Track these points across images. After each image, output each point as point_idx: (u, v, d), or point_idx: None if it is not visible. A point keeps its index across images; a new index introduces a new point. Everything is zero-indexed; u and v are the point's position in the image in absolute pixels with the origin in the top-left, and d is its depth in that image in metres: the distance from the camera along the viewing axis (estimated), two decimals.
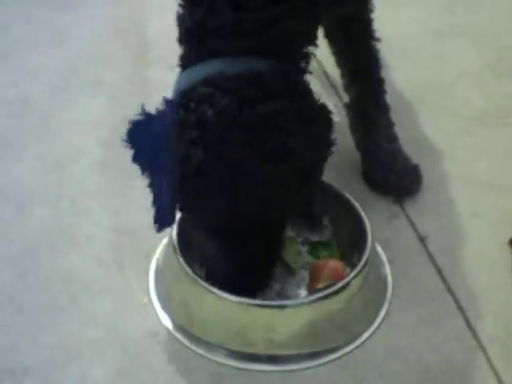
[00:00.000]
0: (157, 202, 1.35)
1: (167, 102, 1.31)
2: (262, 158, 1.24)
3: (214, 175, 1.25)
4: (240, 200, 1.25)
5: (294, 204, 1.35)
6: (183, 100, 1.30)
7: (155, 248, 1.61)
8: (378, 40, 1.74)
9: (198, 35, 1.36)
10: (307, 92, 1.35)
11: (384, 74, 1.78)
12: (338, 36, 1.74)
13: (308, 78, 1.42)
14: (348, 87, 1.78)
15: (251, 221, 1.29)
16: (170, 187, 1.29)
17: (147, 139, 1.31)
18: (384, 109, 1.76)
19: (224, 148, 1.24)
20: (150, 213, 1.68)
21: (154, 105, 1.76)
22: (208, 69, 1.32)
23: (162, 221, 1.37)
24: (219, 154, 1.24)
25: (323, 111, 1.35)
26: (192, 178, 1.26)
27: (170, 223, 1.39)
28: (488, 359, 1.41)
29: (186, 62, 1.39)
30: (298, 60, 1.41)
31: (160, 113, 1.30)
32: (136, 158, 1.35)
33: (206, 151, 1.24)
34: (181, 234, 1.50)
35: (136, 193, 1.76)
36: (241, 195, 1.25)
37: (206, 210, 1.31)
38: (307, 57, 1.43)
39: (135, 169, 1.79)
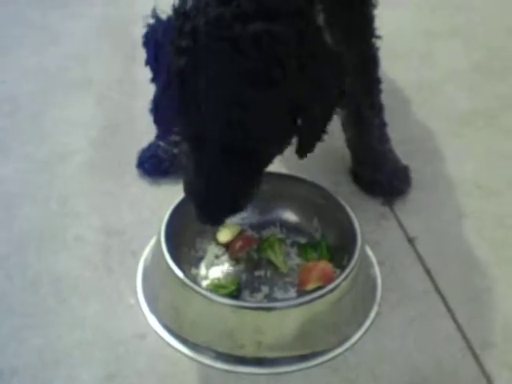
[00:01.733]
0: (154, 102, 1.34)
1: (175, 9, 1.28)
2: (240, 78, 1.18)
3: (192, 86, 1.21)
4: (210, 116, 1.21)
5: (275, 139, 1.29)
6: (187, 5, 1.26)
7: (143, 248, 1.61)
8: (378, 37, 1.70)
9: None
10: (312, 23, 1.27)
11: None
12: (339, 32, 1.72)
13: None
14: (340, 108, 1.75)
15: (220, 140, 1.24)
16: (158, 91, 1.28)
17: (155, 44, 1.30)
18: (378, 109, 1.75)
19: (206, 58, 1.20)
20: (138, 213, 1.70)
21: (144, 104, 1.77)
22: None
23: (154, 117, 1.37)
24: (201, 63, 1.20)
25: (330, 51, 1.28)
26: (173, 85, 1.24)
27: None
28: (478, 361, 1.41)
29: None
30: None
31: (166, 19, 1.29)
32: (147, 62, 1.35)
33: (188, 60, 1.21)
34: (169, 234, 1.49)
35: (125, 193, 1.77)
36: (211, 111, 1.21)
37: (181, 117, 1.28)
38: None
39: (124, 169, 1.82)
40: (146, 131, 1.85)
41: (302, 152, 1.35)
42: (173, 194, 1.55)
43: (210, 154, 1.26)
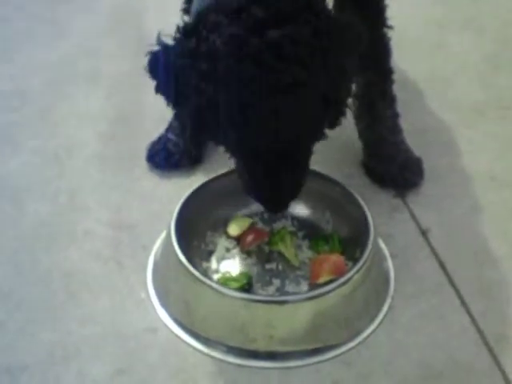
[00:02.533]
0: (183, 134, 1.34)
1: (181, 28, 1.28)
2: (271, 91, 1.19)
3: (225, 110, 1.22)
4: (253, 134, 1.23)
5: (316, 129, 1.32)
6: (197, 26, 1.26)
7: (153, 242, 1.60)
8: (390, 28, 1.69)
9: None
10: (323, 10, 1.27)
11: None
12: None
13: None
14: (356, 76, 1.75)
15: (271, 150, 1.27)
16: (189, 118, 1.28)
17: (165, 70, 1.29)
18: (390, 100, 1.73)
19: (232, 82, 1.20)
20: (148, 207, 1.69)
21: (153, 97, 1.76)
22: None
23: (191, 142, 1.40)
24: (228, 88, 1.20)
25: (344, 28, 1.28)
26: (205, 111, 1.24)
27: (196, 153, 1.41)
28: (493, 355, 1.40)
29: None
30: None
31: (176, 42, 1.27)
32: (158, 89, 1.34)
33: (215, 85, 1.21)
34: (179, 228, 1.48)
35: (135, 187, 1.76)
36: (253, 130, 1.22)
37: (222, 141, 1.30)
38: None
39: (134, 162, 1.81)
40: (156, 124, 1.85)
41: (333, 127, 1.37)
42: (183, 187, 1.54)
43: (265, 159, 1.29)
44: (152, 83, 2.00)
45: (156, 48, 1.31)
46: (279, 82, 1.19)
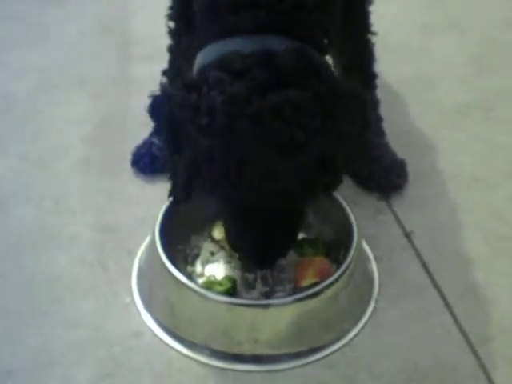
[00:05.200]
0: (173, 179, 1.35)
1: (184, 82, 1.28)
2: (268, 151, 1.20)
3: (222, 165, 1.22)
4: (247, 191, 1.23)
5: (311, 192, 1.30)
6: (198, 81, 1.27)
7: (138, 247, 1.60)
8: (373, 34, 1.70)
9: (214, 11, 1.33)
10: (326, 74, 1.28)
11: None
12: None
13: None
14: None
15: (262, 208, 1.27)
16: (184, 167, 1.28)
17: (165, 117, 1.30)
18: (374, 103, 1.74)
19: (231, 139, 1.20)
20: (133, 211, 1.69)
21: (138, 102, 1.77)
22: (223, 47, 1.28)
23: (176, 197, 1.39)
24: (226, 145, 1.21)
25: (347, 95, 1.28)
26: (202, 164, 1.24)
27: (183, 200, 1.38)
28: (477, 356, 1.41)
29: (204, 37, 1.36)
30: (319, 38, 1.36)
31: (178, 93, 1.28)
32: (158, 132, 1.34)
33: (213, 140, 1.21)
34: (163, 232, 1.49)
35: (120, 191, 1.76)
36: (247, 187, 1.22)
37: (216, 195, 1.30)
38: (328, 34, 1.38)
39: (119, 167, 1.81)
40: (141, 128, 1.84)
41: (327, 194, 1.39)
42: (168, 191, 1.54)
43: (255, 217, 1.29)
44: (137, 88, 2.03)
45: (158, 93, 1.31)
46: (277, 142, 1.19)
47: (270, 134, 1.19)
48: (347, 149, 1.29)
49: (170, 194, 1.39)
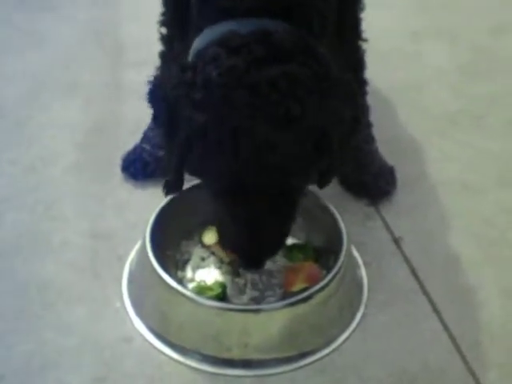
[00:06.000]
0: (167, 166, 1.34)
1: (179, 64, 1.29)
2: (264, 122, 1.19)
3: (216, 138, 1.20)
4: (242, 165, 1.21)
5: (305, 174, 1.29)
6: (194, 61, 1.27)
7: (129, 252, 1.61)
8: (365, 40, 1.71)
9: None
10: (322, 59, 1.27)
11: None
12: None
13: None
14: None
15: (255, 187, 1.24)
16: (177, 148, 1.26)
17: (161, 101, 1.29)
18: (364, 110, 1.75)
19: (226, 109, 1.19)
20: (124, 217, 1.70)
21: (129, 108, 1.77)
22: (220, 29, 1.29)
23: (169, 185, 1.37)
24: (221, 116, 1.20)
25: (340, 83, 1.28)
26: (195, 141, 1.23)
27: (176, 188, 1.37)
28: (465, 361, 1.42)
29: (200, 25, 1.35)
30: (316, 24, 1.35)
31: (173, 75, 1.28)
32: (155, 120, 1.34)
33: (208, 113, 1.20)
34: (154, 237, 1.49)
35: (111, 196, 1.77)
36: (242, 160, 1.20)
37: (210, 175, 1.28)
38: (325, 22, 1.38)
39: (110, 172, 1.81)
40: (132, 134, 1.85)
41: (323, 184, 1.38)
42: (158, 196, 1.54)
43: (248, 201, 1.27)
44: (129, 94, 2.04)
45: (153, 79, 1.31)
46: (273, 113, 1.19)
47: (266, 105, 1.19)
48: (342, 132, 1.29)
49: (164, 185, 1.38)
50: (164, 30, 1.69)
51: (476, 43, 2.34)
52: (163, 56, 1.72)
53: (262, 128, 1.19)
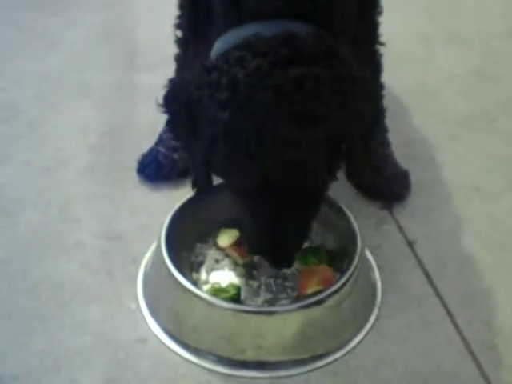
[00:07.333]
0: (191, 166, 1.36)
1: (203, 65, 1.30)
2: (289, 121, 1.21)
3: (241, 137, 1.22)
4: (267, 163, 1.22)
5: (328, 172, 1.32)
6: (218, 63, 1.28)
7: (144, 254, 1.61)
8: (382, 44, 1.72)
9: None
10: (345, 60, 1.30)
11: None
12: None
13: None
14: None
15: (280, 185, 1.26)
16: (201, 149, 1.28)
17: (182, 102, 1.31)
18: (380, 114, 1.75)
19: (251, 109, 1.21)
20: (138, 219, 1.70)
21: (142, 110, 1.77)
22: (245, 31, 1.31)
23: (197, 185, 1.40)
24: (246, 114, 1.22)
25: (362, 83, 1.31)
26: (221, 140, 1.24)
27: (205, 188, 1.39)
28: (478, 364, 1.42)
29: (223, 28, 1.37)
30: (337, 24, 1.38)
31: (196, 76, 1.29)
32: (170, 123, 1.35)
33: (233, 112, 1.22)
34: (169, 239, 1.50)
35: (125, 198, 1.77)
36: (267, 158, 1.22)
37: (235, 174, 1.28)
38: (346, 25, 1.41)
39: (124, 174, 1.82)
40: (146, 136, 1.87)
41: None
42: (173, 199, 1.56)
43: (273, 200, 1.28)
44: (142, 96, 2.04)
45: (174, 80, 1.31)
46: (298, 113, 1.21)
47: (292, 105, 1.21)
48: (363, 131, 1.31)
49: (193, 185, 1.40)
50: (179, 33, 1.69)
51: (488, 47, 2.35)
52: (179, 59, 1.73)
53: (287, 126, 1.21)
